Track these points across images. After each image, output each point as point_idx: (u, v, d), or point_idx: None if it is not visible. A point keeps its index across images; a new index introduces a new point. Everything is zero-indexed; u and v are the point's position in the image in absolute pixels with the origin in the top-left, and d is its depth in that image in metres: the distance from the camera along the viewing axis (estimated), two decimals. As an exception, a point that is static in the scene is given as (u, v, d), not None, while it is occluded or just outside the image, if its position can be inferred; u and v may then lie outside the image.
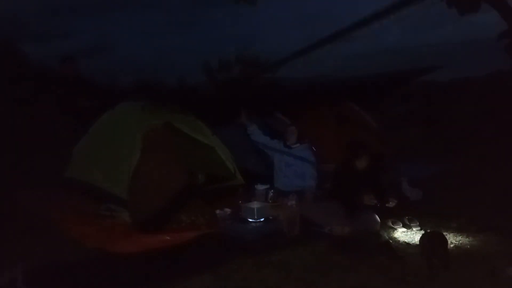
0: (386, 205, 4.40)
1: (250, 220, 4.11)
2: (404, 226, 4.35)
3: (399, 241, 4.03)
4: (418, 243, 3.78)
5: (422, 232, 4.08)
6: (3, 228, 4.06)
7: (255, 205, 4.24)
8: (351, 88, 7.19)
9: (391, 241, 4.00)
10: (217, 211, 4.56)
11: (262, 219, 4.12)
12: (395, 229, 4.32)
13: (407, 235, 4.18)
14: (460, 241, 3.92)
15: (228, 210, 4.57)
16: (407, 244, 3.93)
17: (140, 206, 4.24)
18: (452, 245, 3.79)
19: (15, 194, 4.98)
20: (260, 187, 4.88)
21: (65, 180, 5.17)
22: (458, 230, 4.20)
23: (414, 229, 4.27)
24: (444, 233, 3.74)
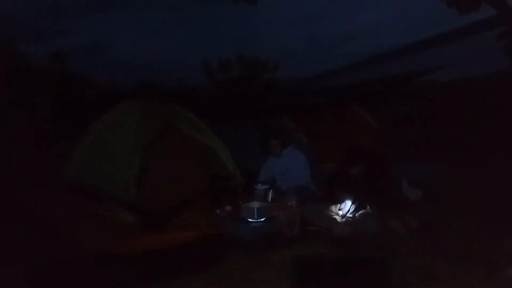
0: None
1: (250, 220, 4.11)
2: (403, 226, 4.34)
3: (398, 240, 4.03)
4: (417, 242, 3.79)
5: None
6: (3, 228, 4.07)
7: (255, 205, 4.23)
8: (351, 88, 7.18)
9: (390, 241, 3.99)
10: (218, 211, 4.57)
11: (262, 219, 4.11)
12: (395, 229, 4.31)
13: (407, 235, 4.17)
14: (460, 241, 3.91)
15: (229, 208, 4.56)
16: (407, 244, 3.93)
17: (147, 206, 4.25)
18: (452, 245, 3.79)
19: (15, 194, 4.99)
20: (260, 187, 4.87)
21: (65, 180, 5.17)
22: (458, 230, 4.20)
23: (413, 229, 4.26)
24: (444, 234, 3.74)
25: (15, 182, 5.74)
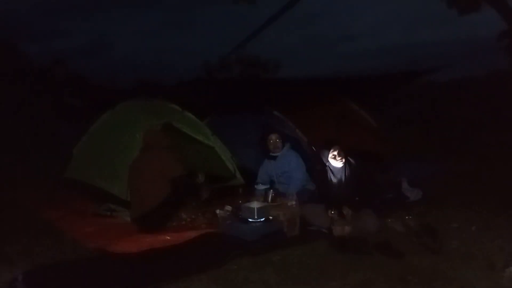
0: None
1: (250, 220, 4.10)
2: (403, 225, 4.34)
3: (398, 240, 4.02)
4: (418, 243, 3.80)
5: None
6: (3, 228, 4.07)
7: (255, 205, 4.23)
8: (351, 87, 7.18)
9: (390, 241, 3.99)
10: (218, 211, 4.56)
11: (262, 219, 4.11)
12: (394, 228, 4.31)
13: (407, 234, 4.17)
14: (460, 241, 3.91)
15: (229, 209, 4.55)
16: (407, 243, 3.93)
17: (139, 206, 4.24)
18: (452, 245, 3.79)
19: (15, 194, 5.00)
20: (260, 187, 4.87)
21: (65, 180, 5.17)
22: (458, 230, 4.20)
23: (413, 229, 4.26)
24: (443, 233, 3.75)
25: (16, 182, 5.75)
